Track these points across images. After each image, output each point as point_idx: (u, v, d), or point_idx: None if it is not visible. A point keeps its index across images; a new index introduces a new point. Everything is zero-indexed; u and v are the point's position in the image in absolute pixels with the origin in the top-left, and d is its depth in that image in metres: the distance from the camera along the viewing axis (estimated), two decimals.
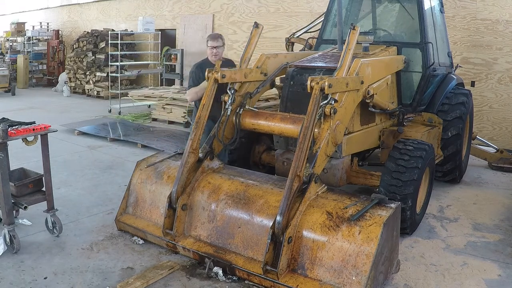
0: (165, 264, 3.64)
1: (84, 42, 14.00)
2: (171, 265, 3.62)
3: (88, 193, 5.29)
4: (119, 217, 4.25)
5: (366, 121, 4.63)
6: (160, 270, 3.53)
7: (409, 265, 3.77)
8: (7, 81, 13.53)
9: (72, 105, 12.03)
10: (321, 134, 3.58)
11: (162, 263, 3.66)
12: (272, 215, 3.36)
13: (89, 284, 3.38)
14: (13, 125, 3.91)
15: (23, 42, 16.76)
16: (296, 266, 3.26)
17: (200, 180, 3.95)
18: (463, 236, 4.39)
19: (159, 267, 3.59)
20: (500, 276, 3.65)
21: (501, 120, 8.00)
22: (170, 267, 3.58)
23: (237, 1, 11.53)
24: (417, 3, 5.34)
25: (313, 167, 3.43)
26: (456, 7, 8.11)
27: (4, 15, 21.22)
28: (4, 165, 3.72)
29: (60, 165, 6.31)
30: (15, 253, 3.76)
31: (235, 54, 11.39)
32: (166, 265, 3.61)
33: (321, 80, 3.48)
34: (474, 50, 8.05)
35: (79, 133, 8.34)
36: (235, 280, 3.45)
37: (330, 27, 5.95)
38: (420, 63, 5.32)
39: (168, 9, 13.44)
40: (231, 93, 4.27)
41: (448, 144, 5.45)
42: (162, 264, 3.64)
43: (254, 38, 4.65)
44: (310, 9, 10.12)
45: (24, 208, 3.90)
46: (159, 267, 3.58)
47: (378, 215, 3.18)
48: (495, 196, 5.56)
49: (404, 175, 4.12)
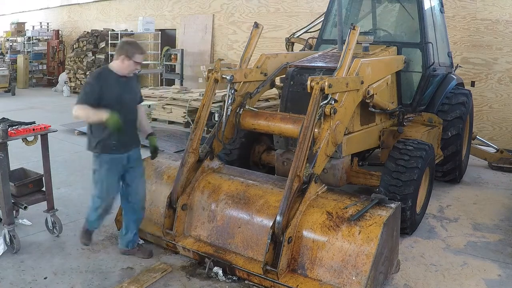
0: (157, 267, 3.62)
1: (84, 42, 14.01)
2: (164, 267, 3.61)
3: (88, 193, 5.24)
4: (119, 217, 4.24)
5: (366, 121, 4.63)
6: (153, 273, 3.51)
7: (409, 265, 3.77)
8: (7, 81, 13.52)
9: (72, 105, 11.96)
10: (321, 134, 3.58)
11: (155, 266, 3.64)
12: (272, 215, 3.36)
13: (89, 284, 3.38)
14: (13, 125, 3.91)
15: (23, 42, 16.77)
16: (296, 266, 3.25)
17: (200, 180, 3.95)
18: (463, 236, 4.39)
19: (151, 270, 3.57)
20: (500, 276, 3.65)
21: (501, 120, 8.00)
22: (163, 270, 3.57)
23: (237, 1, 11.53)
24: (417, 3, 5.33)
25: (313, 167, 3.43)
26: (456, 7, 8.11)
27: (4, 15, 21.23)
28: (4, 165, 3.72)
29: (60, 165, 6.31)
30: (15, 253, 3.76)
31: (235, 54, 11.39)
32: (159, 268, 3.60)
33: (321, 80, 3.48)
34: (474, 50, 8.05)
35: (79, 133, 8.34)
36: (235, 280, 3.45)
37: (330, 27, 5.95)
38: (420, 63, 5.32)
39: (168, 9, 13.44)
40: (231, 93, 4.27)
41: (448, 144, 5.45)
42: (155, 267, 3.62)
43: (254, 38, 4.65)
44: (310, 9, 10.12)
45: (24, 208, 3.91)
46: (151, 270, 3.57)
47: (378, 215, 3.18)
48: (495, 196, 5.56)
49: (404, 175, 4.12)
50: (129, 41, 3.62)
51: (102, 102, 3.37)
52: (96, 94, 3.37)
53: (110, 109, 3.32)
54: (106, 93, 3.39)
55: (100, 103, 3.37)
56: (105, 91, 3.39)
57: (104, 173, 3.50)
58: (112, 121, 3.28)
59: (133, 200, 3.70)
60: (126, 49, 3.42)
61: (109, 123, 3.29)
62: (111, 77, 3.47)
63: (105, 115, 3.28)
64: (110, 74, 3.48)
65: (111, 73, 3.49)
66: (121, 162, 3.54)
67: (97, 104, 3.36)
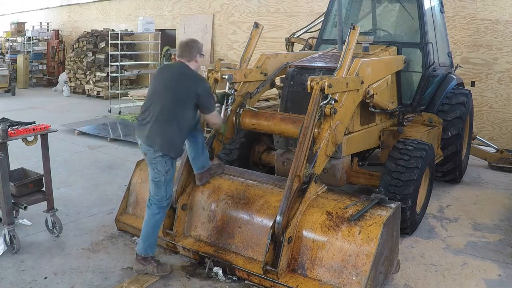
0: None
1: (84, 42, 14.00)
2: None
3: (88, 193, 5.29)
4: (119, 217, 4.25)
5: (366, 121, 4.63)
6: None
7: (409, 265, 3.77)
8: (7, 81, 13.52)
9: (72, 105, 12.02)
10: (321, 134, 3.58)
11: None
12: (272, 215, 3.36)
13: (89, 284, 3.38)
14: (13, 125, 3.91)
15: (23, 42, 16.75)
16: (296, 266, 3.25)
17: None
18: (463, 236, 4.39)
19: None
20: (500, 276, 3.65)
21: (501, 120, 8.00)
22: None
23: (237, 1, 11.53)
24: (417, 3, 5.33)
25: (313, 167, 3.43)
26: (456, 7, 8.11)
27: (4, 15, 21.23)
28: (4, 165, 3.72)
29: (60, 165, 6.31)
30: (15, 253, 3.76)
31: (235, 54, 11.39)
32: None
33: (321, 80, 3.48)
34: (474, 50, 8.05)
35: (79, 133, 8.34)
36: (235, 280, 3.45)
37: (330, 27, 5.95)
38: (420, 63, 5.32)
39: (168, 9, 13.44)
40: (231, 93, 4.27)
41: (448, 144, 5.45)
42: None
43: (254, 38, 4.65)
44: (310, 9, 10.12)
45: (24, 208, 3.91)
46: None
47: (378, 215, 3.18)
48: (495, 196, 5.56)
49: (404, 175, 4.12)
50: (193, 40, 3.66)
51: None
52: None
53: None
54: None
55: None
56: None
57: (173, 173, 3.57)
58: (225, 126, 4.08)
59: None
60: (198, 47, 3.57)
61: (223, 128, 4.05)
62: None
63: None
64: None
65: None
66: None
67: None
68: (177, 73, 3.53)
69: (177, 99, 3.39)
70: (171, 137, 3.40)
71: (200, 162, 3.88)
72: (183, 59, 3.52)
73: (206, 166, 3.92)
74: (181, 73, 3.49)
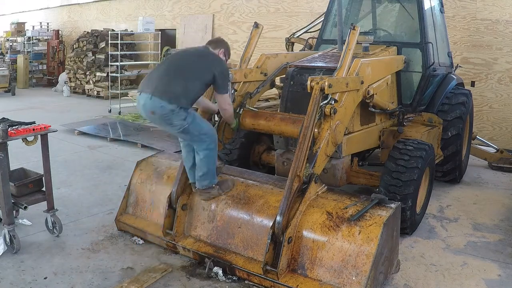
0: (157, 267, 3.61)
1: (84, 42, 14.00)
2: (164, 267, 3.60)
3: (88, 193, 5.29)
4: (119, 217, 4.25)
5: (366, 121, 4.63)
6: (153, 273, 3.51)
7: (409, 265, 3.77)
8: (7, 81, 13.52)
9: (72, 105, 12.03)
10: (321, 134, 3.58)
11: (155, 266, 3.63)
12: (272, 215, 3.36)
13: (89, 284, 3.38)
14: (13, 125, 3.91)
15: (23, 42, 16.76)
16: (296, 266, 3.26)
17: None
18: (463, 236, 4.39)
19: (151, 270, 3.57)
20: (500, 276, 3.65)
21: (501, 120, 8.00)
22: (163, 270, 3.56)
23: (237, 1, 11.53)
24: (417, 3, 5.33)
25: (313, 167, 3.43)
26: (456, 7, 8.11)
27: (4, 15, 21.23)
28: (4, 165, 3.72)
29: (60, 165, 6.31)
30: (15, 253, 3.76)
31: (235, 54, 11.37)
32: (159, 268, 3.59)
33: (321, 80, 3.48)
34: (474, 50, 8.05)
35: (79, 133, 8.34)
36: (235, 280, 3.45)
37: (330, 27, 5.95)
38: (420, 63, 5.32)
39: (168, 9, 13.44)
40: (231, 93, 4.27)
41: (448, 144, 5.45)
42: (155, 267, 3.61)
43: (254, 38, 4.65)
44: (310, 9, 10.12)
45: (24, 208, 3.91)
46: (151, 270, 3.56)
47: (378, 215, 3.18)
48: (495, 196, 5.56)
49: (404, 175, 4.12)
50: (224, 40, 3.97)
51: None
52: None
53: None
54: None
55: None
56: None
57: (199, 117, 3.72)
58: (237, 121, 4.28)
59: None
60: (226, 46, 3.86)
61: (235, 123, 4.23)
62: None
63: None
64: None
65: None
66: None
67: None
68: (199, 51, 3.80)
69: (193, 70, 3.57)
70: (181, 89, 3.48)
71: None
72: (209, 45, 3.81)
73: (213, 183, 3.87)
74: (203, 52, 3.76)
